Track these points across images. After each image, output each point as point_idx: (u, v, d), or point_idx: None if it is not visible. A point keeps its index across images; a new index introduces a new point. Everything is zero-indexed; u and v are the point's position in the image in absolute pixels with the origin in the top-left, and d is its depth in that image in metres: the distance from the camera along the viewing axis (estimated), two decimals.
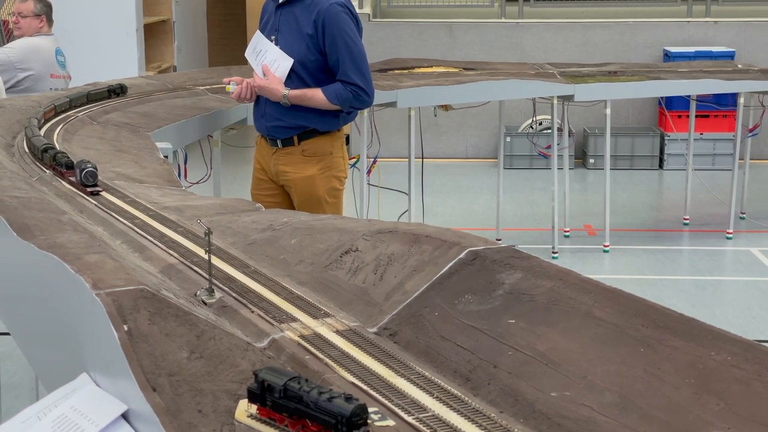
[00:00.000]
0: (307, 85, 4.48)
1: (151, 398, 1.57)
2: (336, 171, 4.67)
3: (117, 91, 4.90)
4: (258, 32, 4.64)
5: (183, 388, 1.62)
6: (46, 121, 4.17)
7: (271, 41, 4.54)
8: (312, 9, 4.44)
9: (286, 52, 4.48)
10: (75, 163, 3.11)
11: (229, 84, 4.61)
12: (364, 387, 1.66)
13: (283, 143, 4.61)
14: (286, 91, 4.46)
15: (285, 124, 4.56)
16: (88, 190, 2.98)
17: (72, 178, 3.11)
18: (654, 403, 1.52)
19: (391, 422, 1.53)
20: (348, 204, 6.58)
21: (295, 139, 4.58)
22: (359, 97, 4.49)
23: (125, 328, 1.72)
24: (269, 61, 4.51)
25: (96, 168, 3.03)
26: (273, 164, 4.66)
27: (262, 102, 4.62)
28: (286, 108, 4.51)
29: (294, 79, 4.49)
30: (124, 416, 1.71)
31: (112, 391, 1.78)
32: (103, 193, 2.98)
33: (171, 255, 2.38)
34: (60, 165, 3.21)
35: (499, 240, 7.45)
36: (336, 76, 4.47)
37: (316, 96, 4.47)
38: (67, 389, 1.85)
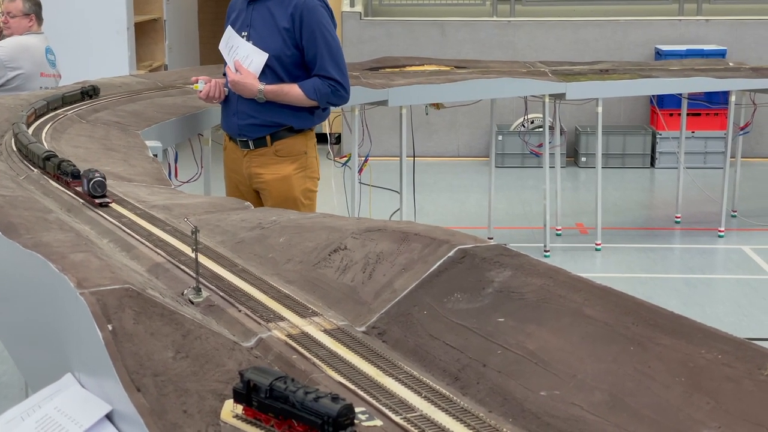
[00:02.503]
0: (282, 81, 4.36)
1: (135, 399, 1.55)
2: (311, 172, 4.55)
3: (90, 92, 4.78)
4: (229, 27, 4.51)
5: (168, 388, 1.60)
6: (34, 120, 4.14)
7: (243, 37, 4.42)
8: (288, 2, 4.34)
9: (260, 48, 4.36)
10: (82, 172, 2.90)
11: (196, 82, 4.48)
12: (352, 387, 1.64)
13: (255, 144, 4.46)
14: (261, 86, 4.33)
15: (259, 122, 4.43)
16: (97, 201, 2.78)
17: (78, 188, 2.90)
18: (644, 402, 1.50)
19: (378, 422, 1.51)
20: (339, 203, 6.57)
21: (268, 139, 4.44)
22: (337, 93, 4.37)
23: (109, 327, 1.70)
24: (241, 56, 4.39)
25: (105, 177, 2.83)
26: (245, 167, 4.51)
27: (233, 100, 4.48)
28: (261, 104, 4.38)
29: (269, 74, 4.36)
30: (109, 417, 1.69)
31: (97, 391, 1.76)
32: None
33: (158, 254, 2.36)
34: (65, 174, 2.99)
35: (491, 238, 7.43)
36: (312, 71, 4.36)
37: (292, 91, 4.34)
38: (52, 389, 1.83)
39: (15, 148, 3.62)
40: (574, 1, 11.23)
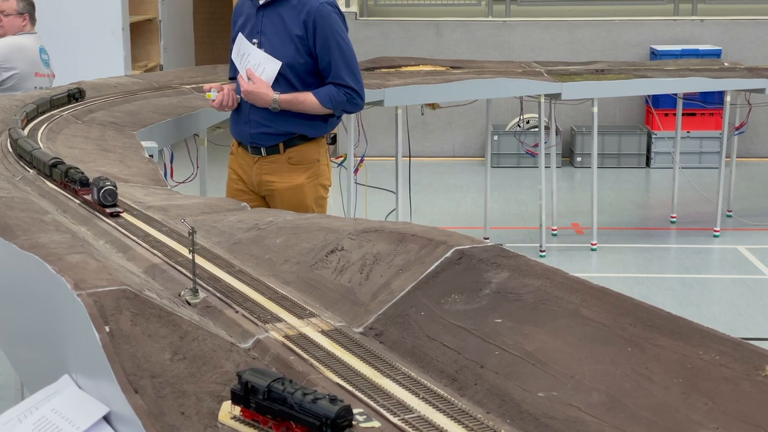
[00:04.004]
0: (295, 89, 4.26)
1: (133, 400, 1.55)
2: (323, 179, 4.46)
3: (76, 95, 4.68)
4: (240, 34, 4.38)
5: (166, 389, 1.60)
6: (29, 121, 4.13)
7: (253, 44, 4.29)
8: (300, 9, 4.22)
9: (272, 55, 4.25)
10: (91, 180, 2.78)
11: (209, 91, 4.37)
12: (350, 388, 1.64)
13: (267, 151, 4.36)
14: (276, 95, 4.22)
15: (272, 131, 4.32)
16: (108, 211, 2.66)
17: (87, 197, 2.78)
18: (642, 403, 1.50)
19: (376, 423, 1.51)
20: (335, 203, 6.56)
21: (281, 146, 4.35)
22: (353, 100, 4.29)
23: (107, 329, 1.70)
24: (253, 64, 4.27)
25: (116, 186, 2.71)
26: (255, 174, 4.41)
27: (245, 108, 4.37)
28: (274, 114, 4.27)
29: (282, 83, 4.25)
30: (106, 418, 1.69)
31: (94, 393, 1.76)
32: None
33: (155, 255, 2.35)
34: (73, 182, 2.87)
35: (487, 239, 7.44)
36: (327, 78, 4.26)
37: (307, 100, 4.24)
38: (49, 391, 1.83)
39: (10, 149, 3.61)
40: (570, 1, 11.23)
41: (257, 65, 4.29)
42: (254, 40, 4.32)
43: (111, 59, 9.00)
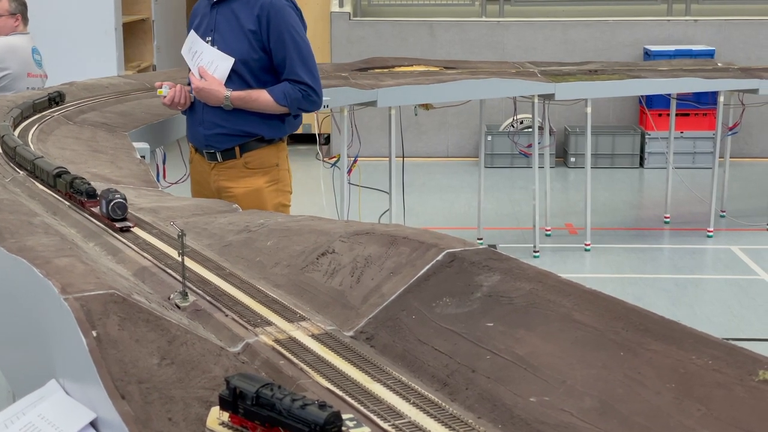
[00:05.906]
0: (250, 87, 4.12)
1: (119, 406, 1.53)
2: (283, 185, 4.29)
3: (56, 99, 4.59)
4: (192, 32, 4.26)
5: (153, 395, 1.58)
6: (17, 124, 4.10)
7: (207, 42, 4.17)
8: (253, 4, 4.09)
9: (225, 52, 4.12)
10: (100, 192, 2.63)
11: (161, 87, 4.22)
12: (340, 393, 1.62)
13: (223, 156, 4.20)
14: (228, 92, 4.08)
15: (226, 131, 4.17)
16: (117, 225, 2.51)
17: (94, 209, 2.64)
18: (635, 409, 1.49)
19: (366, 429, 1.50)
20: (328, 204, 6.56)
21: (237, 150, 4.19)
22: (309, 98, 4.12)
23: (94, 333, 1.68)
24: (206, 62, 4.14)
25: (125, 198, 2.56)
26: (213, 181, 4.25)
27: (199, 108, 4.22)
28: (228, 112, 4.13)
29: (235, 80, 4.11)
30: (93, 424, 1.67)
31: (81, 398, 1.74)
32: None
33: (145, 258, 2.34)
34: (79, 193, 2.72)
35: (480, 239, 7.42)
36: (282, 75, 4.11)
37: (261, 97, 4.09)
38: (36, 396, 1.81)
39: (0, 150, 3.59)
40: (563, 1, 11.22)
41: (210, 63, 4.16)
42: (208, 38, 4.20)
43: (104, 59, 8.97)
